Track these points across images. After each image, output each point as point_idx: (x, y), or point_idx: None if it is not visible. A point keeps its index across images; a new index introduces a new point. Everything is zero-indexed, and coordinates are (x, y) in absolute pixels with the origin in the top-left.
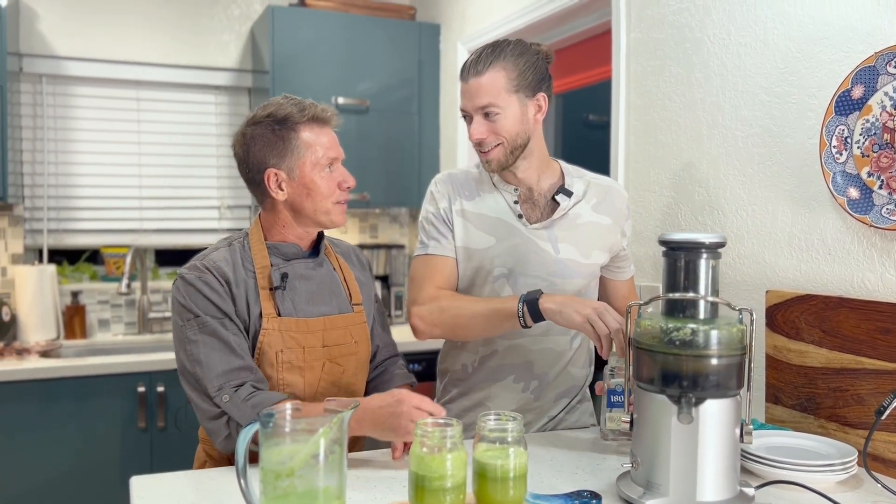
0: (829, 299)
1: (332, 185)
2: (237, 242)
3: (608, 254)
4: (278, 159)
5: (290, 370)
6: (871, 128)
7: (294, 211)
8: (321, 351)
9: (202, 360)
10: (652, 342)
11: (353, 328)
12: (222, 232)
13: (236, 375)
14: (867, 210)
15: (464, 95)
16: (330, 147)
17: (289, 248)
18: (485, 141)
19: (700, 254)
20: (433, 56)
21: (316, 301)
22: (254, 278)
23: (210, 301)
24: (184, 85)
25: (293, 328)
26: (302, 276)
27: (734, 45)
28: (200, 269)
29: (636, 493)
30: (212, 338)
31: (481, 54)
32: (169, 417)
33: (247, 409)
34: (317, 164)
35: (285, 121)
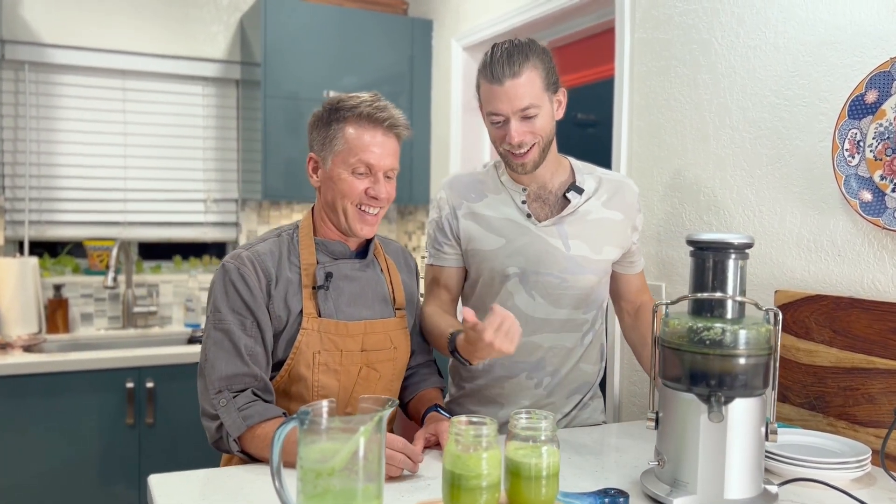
0: (841, 300)
1: (357, 188)
2: (286, 234)
3: (620, 249)
4: (319, 145)
5: (326, 372)
6: (885, 132)
7: (326, 203)
8: (359, 355)
9: (210, 357)
10: (680, 342)
11: (393, 333)
12: (208, 226)
13: (239, 381)
14: (880, 212)
15: (498, 98)
16: (369, 151)
17: (336, 246)
18: (524, 142)
19: (729, 254)
20: (425, 52)
21: (358, 304)
22: (298, 274)
23: (240, 296)
24: (171, 75)
25: (332, 330)
26: (347, 277)
27: (742, 48)
28: (242, 259)
29: (663, 490)
30: (224, 337)
31: (511, 53)
32: (158, 413)
33: (238, 419)
34: (347, 162)
35: (337, 110)
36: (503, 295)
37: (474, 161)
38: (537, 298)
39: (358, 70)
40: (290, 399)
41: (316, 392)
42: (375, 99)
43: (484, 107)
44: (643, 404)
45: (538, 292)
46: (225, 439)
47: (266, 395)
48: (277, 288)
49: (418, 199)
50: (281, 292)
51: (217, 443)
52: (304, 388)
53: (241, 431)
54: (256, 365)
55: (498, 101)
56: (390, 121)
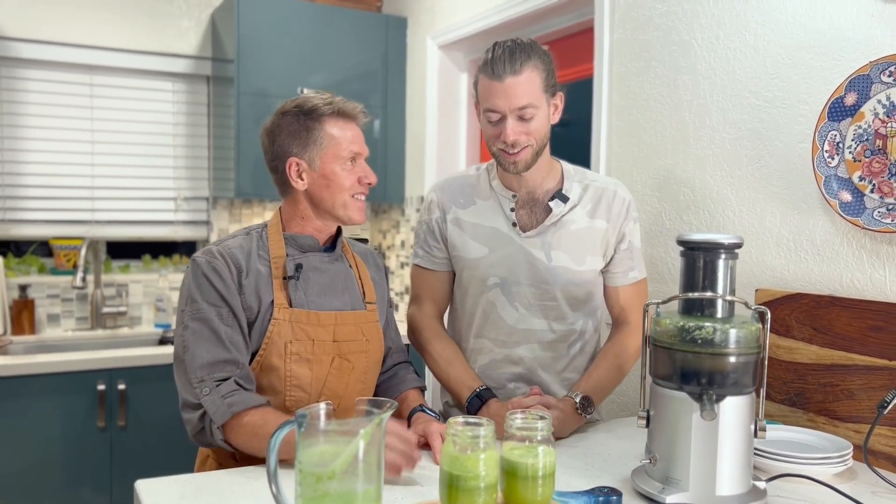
0: (821, 298)
1: (353, 178)
2: (255, 232)
3: (604, 260)
4: (301, 149)
5: (298, 362)
6: (864, 134)
7: (313, 203)
8: (331, 345)
9: (189, 347)
10: (672, 341)
11: (364, 326)
12: (178, 224)
13: (221, 368)
14: (859, 213)
15: (497, 95)
16: (353, 141)
17: (306, 239)
18: (518, 142)
19: (719, 254)
20: (400, 50)
21: (328, 294)
22: (268, 267)
23: (214, 287)
24: (140, 71)
25: (303, 320)
26: (316, 269)
27: (723, 50)
28: (213, 253)
29: (655, 488)
30: (203, 326)
31: (513, 51)
32: (130, 416)
33: (223, 407)
34: (339, 156)
35: (311, 112)
36: (486, 305)
37: (450, 159)
38: (519, 309)
39: (331, 67)
40: (262, 390)
41: (289, 382)
42: (335, 97)
43: (481, 103)
44: (622, 402)
45: (520, 303)
46: (208, 429)
47: (247, 383)
48: (248, 279)
49: (392, 198)
50: (251, 283)
51: (198, 435)
52: (277, 379)
53: (226, 418)
54: (237, 352)
55: (496, 98)
56: (358, 110)
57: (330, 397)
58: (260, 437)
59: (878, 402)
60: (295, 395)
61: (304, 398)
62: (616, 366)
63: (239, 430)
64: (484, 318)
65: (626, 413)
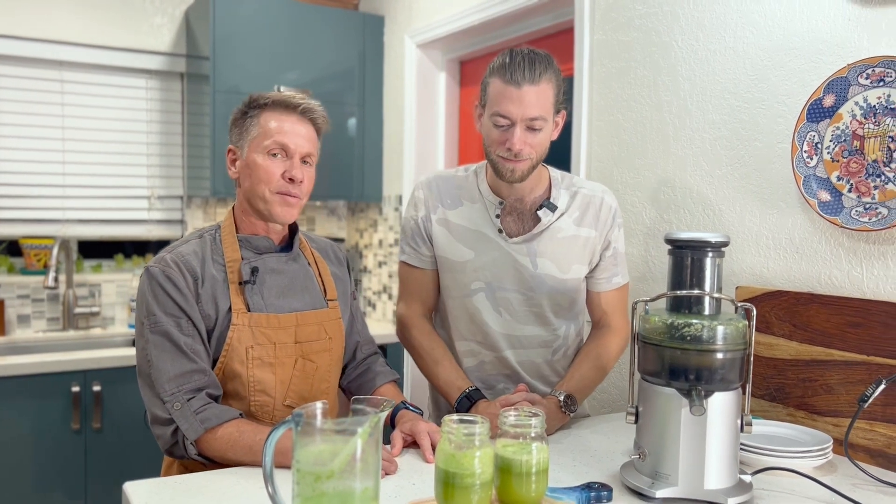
0: (801, 295)
1: (274, 172)
2: (208, 234)
3: (588, 267)
4: (237, 137)
5: (261, 367)
6: (842, 135)
7: (245, 195)
8: (293, 347)
9: (153, 361)
10: (661, 338)
11: (326, 324)
12: (152, 223)
13: (189, 379)
14: (837, 212)
15: (510, 101)
16: (284, 133)
17: (261, 241)
18: (522, 152)
19: (706, 252)
20: (377, 48)
21: (287, 296)
22: (223, 272)
23: (171, 298)
24: (112, 67)
25: (263, 323)
26: (273, 271)
27: (703, 51)
28: (167, 262)
29: (644, 483)
30: (163, 339)
31: (534, 61)
32: (106, 418)
33: (195, 423)
34: (261, 145)
35: (254, 102)
36: (471, 309)
37: (429, 158)
38: (503, 314)
39: (307, 65)
40: (225, 398)
41: (252, 387)
42: (295, 93)
43: (491, 106)
44: (602, 399)
45: (504, 308)
46: (181, 444)
47: (216, 390)
48: (204, 287)
49: (370, 197)
50: (208, 291)
51: (171, 448)
52: (240, 385)
53: (200, 434)
54: (202, 360)
55: (510, 104)
56: (304, 106)
57: (295, 399)
58: (237, 448)
59: (856, 396)
60: (259, 399)
61: (269, 402)
62: (598, 366)
63: (213, 444)
64: (468, 321)
65: (607, 410)
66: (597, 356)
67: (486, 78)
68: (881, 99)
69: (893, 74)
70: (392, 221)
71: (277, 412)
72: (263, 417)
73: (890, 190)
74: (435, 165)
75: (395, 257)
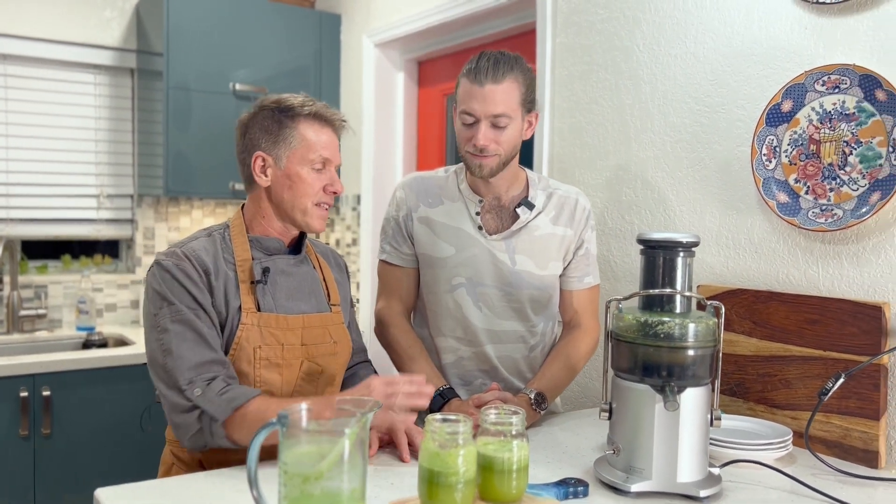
0: (760, 293)
1: (318, 185)
2: (217, 233)
3: (563, 264)
4: (270, 144)
5: (268, 367)
6: (799, 139)
7: (274, 202)
8: (300, 349)
9: (174, 350)
10: (634, 335)
11: (331, 328)
12: (101, 223)
13: (209, 368)
14: (795, 213)
15: (474, 98)
16: (326, 147)
17: (271, 242)
18: (487, 148)
19: (678, 252)
20: (334, 47)
21: (296, 298)
22: (234, 271)
23: (186, 290)
24: (59, 62)
25: (272, 324)
26: (283, 272)
27: (664, 56)
28: (179, 256)
29: (619, 477)
30: (185, 328)
31: (498, 61)
32: (55, 424)
33: (222, 403)
34: (306, 158)
35: (288, 109)
36: (452, 304)
37: (388, 158)
38: (483, 310)
39: (263, 62)
40: None
41: (259, 388)
42: (317, 101)
43: (459, 105)
44: (566, 396)
45: (484, 304)
46: (207, 429)
47: (234, 382)
48: (218, 281)
49: None
50: (221, 286)
51: (195, 437)
52: (246, 385)
53: (228, 414)
54: (221, 351)
55: (474, 101)
56: (340, 122)
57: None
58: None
59: (813, 390)
60: None
61: None
62: (568, 366)
63: (242, 423)
64: (449, 317)
65: (570, 406)
66: (567, 356)
67: (458, 79)
68: (836, 105)
69: (848, 82)
70: (350, 221)
71: None
72: None
73: (845, 192)
74: (394, 165)
75: (353, 257)
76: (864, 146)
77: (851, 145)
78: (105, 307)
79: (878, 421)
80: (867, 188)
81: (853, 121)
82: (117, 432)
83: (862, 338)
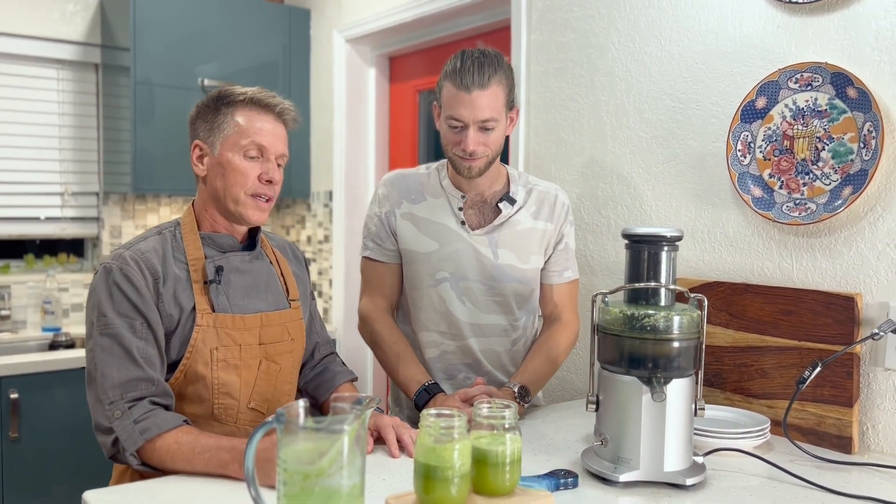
0: (736, 286)
1: (252, 173)
2: (168, 231)
3: (545, 258)
4: (206, 132)
5: (226, 369)
6: (773, 135)
7: (212, 193)
8: (257, 349)
9: (99, 365)
10: (620, 328)
11: (289, 325)
12: (65, 221)
13: (134, 387)
14: (770, 207)
15: (462, 105)
16: (260, 133)
17: (224, 238)
18: (476, 152)
19: (662, 246)
20: (303, 42)
21: (251, 296)
22: (186, 271)
23: (126, 297)
24: (20, 56)
25: (229, 325)
26: (237, 270)
27: (639, 54)
28: (125, 259)
29: (607, 468)
30: (112, 342)
31: (482, 65)
32: (23, 427)
33: (134, 433)
34: (238, 144)
35: (226, 97)
36: (435, 299)
37: (360, 153)
38: (467, 304)
39: (231, 57)
40: (187, 401)
41: (217, 390)
42: (264, 89)
43: (445, 110)
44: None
45: (468, 298)
46: (122, 454)
47: (165, 398)
48: (166, 286)
49: (297, 193)
50: (170, 290)
51: (115, 456)
52: (203, 388)
53: (139, 445)
54: (151, 368)
55: (462, 108)
56: (280, 107)
57: (259, 401)
58: (175, 460)
59: (789, 380)
60: (223, 402)
61: (233, 405)
62: (550, 359)
63: (153, 455)
64: (433, 311)
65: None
66: (548, 349)
67: (440, 80)
68: (809, 102)
69: (820, 79)
70: (321, 218)
71: (241, 415)
72: (227, 421)
73: (818, 187)
74: (366, 161)
75: (325, 254)
76: (836, 142)
77: (824, 141)
78: (71, 307)
79: (851, 408)
80: (839, 183)
81: (825, 117)
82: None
83: (835, 328)
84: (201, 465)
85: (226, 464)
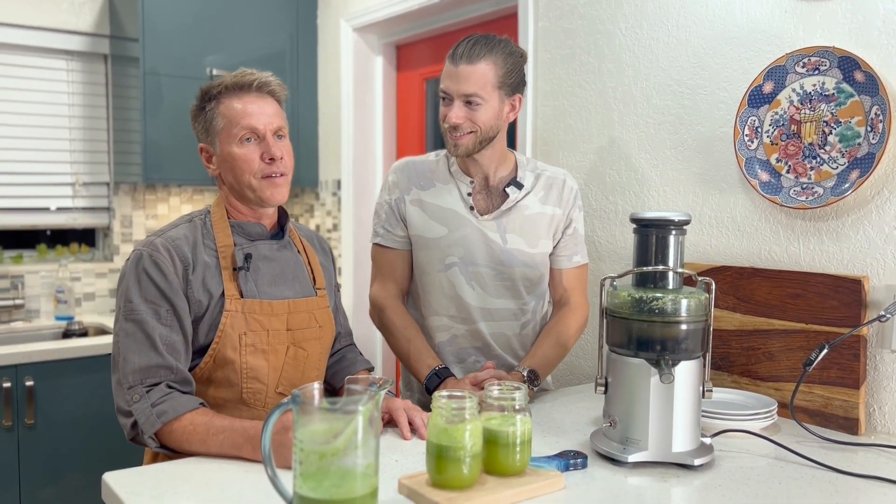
0: (744, 270)
1: (254, 157)
2: (198, 219)
3: (553, 242)
4: (204, 133)
5: (254, 353)
6: (780, 119)
7: (229, 188)
8: (285, 335)
9: (122, 350)
10: (629, 311)
11: (316, 312)
12: (76, 211)
13: (154, 373)
14: (777, 191)
15: (449, 77)
16: (248, 116)
17: (253, 227)
18: (460, 126)
19: (670, 230)
20: (310, 30)
21: (279, 283)
22: (215, 257)
23: (154, 283)
24: (30, 48)
25: (257, 310)
26: (265, 258)
27: (646, 39)
28: (156, 246)
29: (616, 449)
30: (136, 328)
31: (476, 43)
32: (39, 414)
33: (151, 417)
34: (231, 135)
35: (206, 94)
36: (446, 284)
37: (367, 142)
38: (476, 288)
39: (239, 47)
40: (216, 385)
41: (245, 374)
42: (241, 70)
43: (439, 84)
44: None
45: (477, 282)
46: (141, 436)
47: (184, 386)
48: (195, 273)
49: (305, 182)
50: (199, 276)
51: (134, 439)
52: (232, 372)
53: (156, 428)
54: (173, 355)
55: (448, 80)
56: (258, 81)
57: (286, 386)
58: (192, 442)
59: (796, 362)
60: (252, 386)
61: (262, 389)
62: (559, 343)
63: (170, 437)
64: (443, 296)
65: (559, 385)
66: (558, 334)
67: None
68: (816, 86)
69: (827, 63)
70: (330, 206)
71: (270, 399)
72: (256, 405)
73: (825, 171)
74: (373, 150)
75: (334, 242)
76: (843, 126)
77: (831, 125)
78: (83, 296)
79: (858, 390)
80: (846, 166)
81: (832, 101)
82: (101, 421)
83: (842, 310)
84: (215, 447)
85: (239, 446)
